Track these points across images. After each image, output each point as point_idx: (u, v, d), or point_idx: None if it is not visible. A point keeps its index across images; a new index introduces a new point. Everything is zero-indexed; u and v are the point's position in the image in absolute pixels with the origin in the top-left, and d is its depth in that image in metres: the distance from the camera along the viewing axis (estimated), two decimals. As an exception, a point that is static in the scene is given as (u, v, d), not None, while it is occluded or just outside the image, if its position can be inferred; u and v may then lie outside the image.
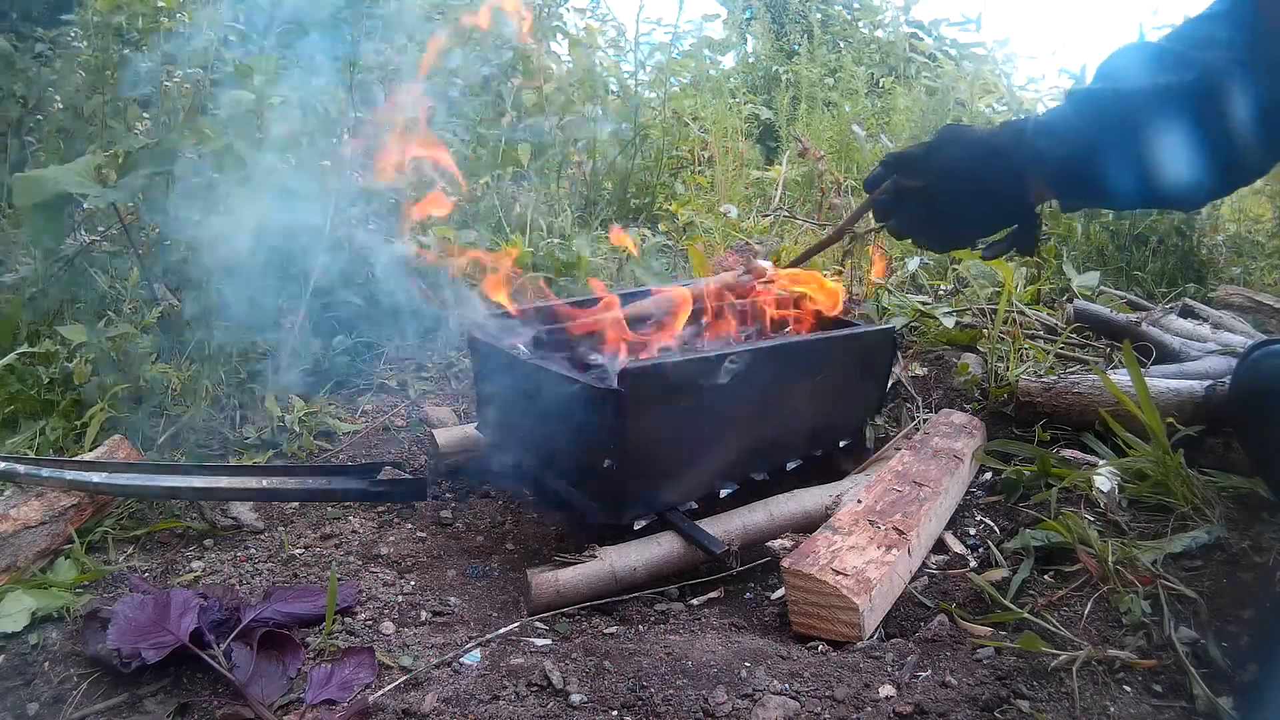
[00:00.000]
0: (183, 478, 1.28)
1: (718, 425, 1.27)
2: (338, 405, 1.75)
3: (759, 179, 3.68)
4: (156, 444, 1.51)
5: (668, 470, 1.24)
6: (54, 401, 1.52)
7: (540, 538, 1.38)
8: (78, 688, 0.92)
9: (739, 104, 3.86)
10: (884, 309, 2.14)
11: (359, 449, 1.64)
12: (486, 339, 1.46)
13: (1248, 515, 1.08)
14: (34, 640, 0.99)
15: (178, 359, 1.67)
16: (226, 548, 1.26)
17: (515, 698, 0.88)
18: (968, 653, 0.94)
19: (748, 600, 1.19)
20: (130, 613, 0.94)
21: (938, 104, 3.50)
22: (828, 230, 2.67)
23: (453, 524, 1.43)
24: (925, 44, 4.46)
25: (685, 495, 1.27)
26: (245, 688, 0.87)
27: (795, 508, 1.29)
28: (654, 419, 1.18)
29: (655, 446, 1.20)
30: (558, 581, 1.12)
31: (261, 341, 1.80)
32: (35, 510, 1.16)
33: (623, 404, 1.12)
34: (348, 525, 1.36)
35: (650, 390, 1.15)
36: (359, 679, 0.90)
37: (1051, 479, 1.26)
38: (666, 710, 0.85)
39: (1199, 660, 0.85)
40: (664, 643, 0.99)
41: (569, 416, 1.25)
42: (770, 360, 1.33)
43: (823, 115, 3.86)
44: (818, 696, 0.86)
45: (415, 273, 2.06)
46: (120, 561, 1.20)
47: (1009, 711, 0.82)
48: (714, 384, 1.24)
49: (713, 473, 1.30)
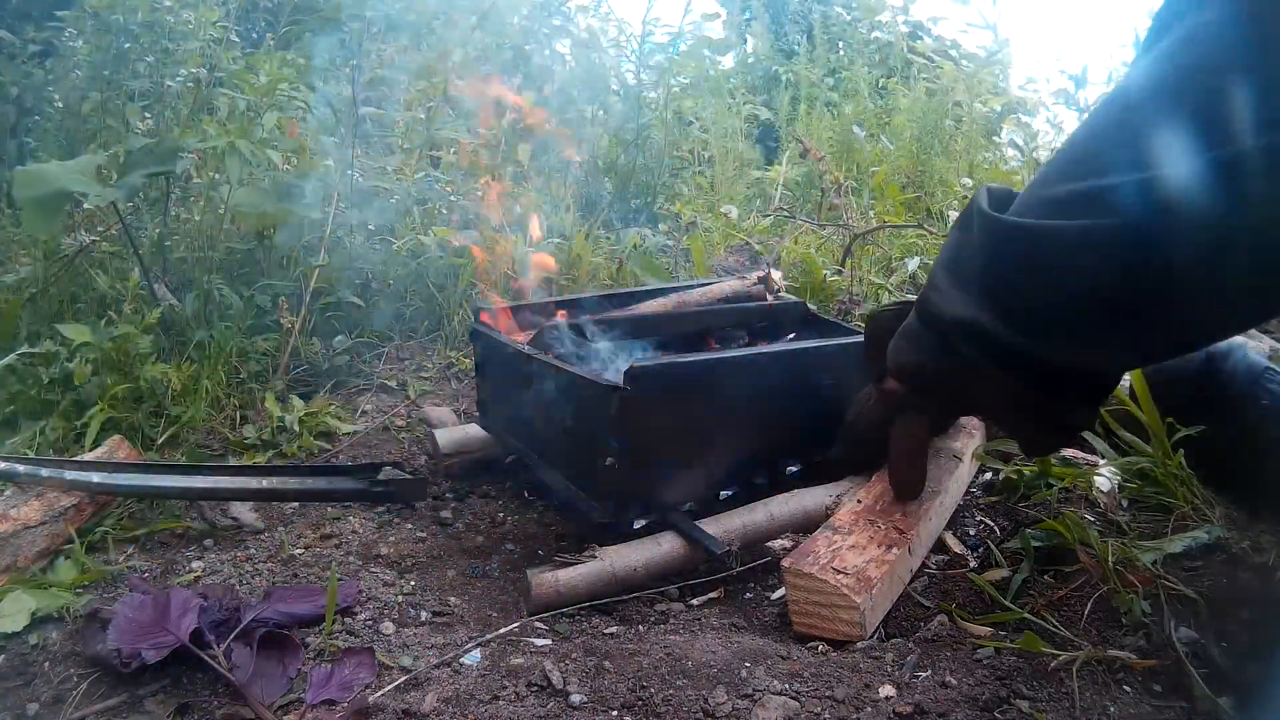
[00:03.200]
0: (183, 478, 1.28)
1: (721, 427, 1.27)
2: (338, 405, 1.75)
3: (759, 179, 3.68)
4: (156, 444, 1.51)
5: (670, 471, 1.24)
6: (54, 401, 1.52)
7: (540, 538, 1.38)
8: (78, 688, 0.92)
9: (739, 104, 3.86)
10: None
11: (359, 449, 1.64)
12: (490, 333, 1.47)
13: (1248, 515, 1.08)
14: (34, 640, 0.99)
15: (178, 359, 1.67)
16: (226, 548, 1.26)
17: (515, 698, 0.88)
18: (968, 653, 0.94)
19: (748, 600, 1.19)
20: (130, 613, 0.94)
21: (938, 104, 3.50)
22: (828, 230, 2.68)
23: (453, 524, 1.43)
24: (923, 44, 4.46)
25: (686, 496, 1.28)
26: (245, 688, 0.87)
27: (795, 507, 1.29)
28: (658, 419, 1.18)
29: (658, 446, 1.20)
30: (557, 581, 1.12)
31: (261, 341, 1.80)
32: (35, 510, 1.16)
33: (626, 402, 1.12)
34: (348, 525, 1.36)
35: (656, 390, 1.16)
36: (359, 679, 0.90)
37: (1051, 479, 1.26)
38: (666, 710, 0.85)
39: (1199, 660, 0.85)
40: (664, 643, 0.99)
41: (572, 413, 1.25)
42: (774, 365, 1.34)
43: (822, 115, 3.86)
44: (818, 696, 0.86)
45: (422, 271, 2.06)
46: (120, 561, 1.20)
47: (1009, 711, 0.82)
48: (718, 386, 1.24)
49: (714, 474, 1.31)
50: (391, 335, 2.09)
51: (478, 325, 1.51)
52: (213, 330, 1.73)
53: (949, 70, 3.83)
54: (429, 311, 2.14)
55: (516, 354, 1.38)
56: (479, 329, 1.50)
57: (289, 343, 1.78)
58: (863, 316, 2.12)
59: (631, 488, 1.19)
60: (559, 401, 1.29)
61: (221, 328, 1.75)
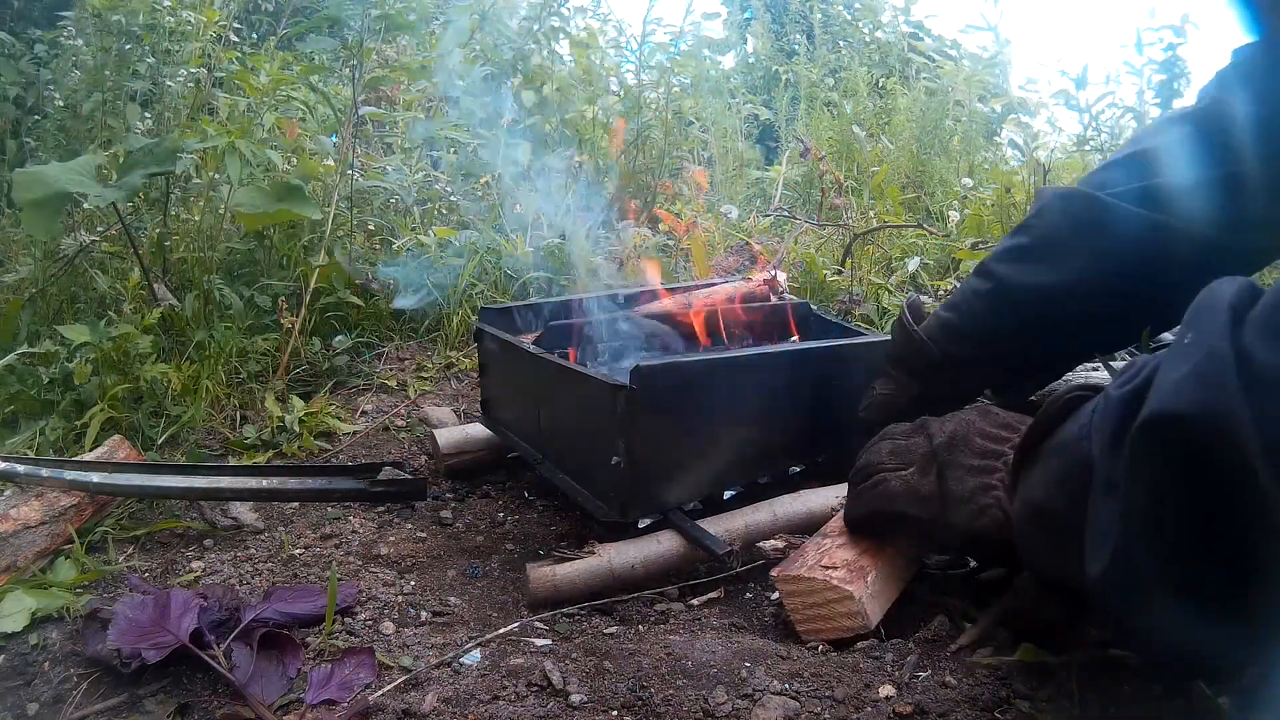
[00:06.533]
0: (183, 478, 1.28)
1: (725, 428, 1.27)
2: (338, 405, 1.75)
3: (759, 179, 3.68)
4: (156, 444, 1.51)
5: (675, 470, 1.24)
6: (54, 401, 1.52)
7: (541, 537, 1.38)
8: (78, 688, 0.92)
9: (739, 104, 3.86)
10: (884, 309, 2.14)
11: (359, 449, 1.64)
12: (495, 331, 1.47)
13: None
14: (34, 640, 0.99)
15: (178, 359, 1.67)
16: (226, 548, 1.26)
17: (515, 698, 0.88)
18: (968, 653, 0.94)
19: (748, 600, 1.19)
20: (130, 613, 0.94)
21: (938, 104, 3.50)
22: (828, 230, 2.68)
23: (453, 524, 1.43)
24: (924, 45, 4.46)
25: (690, 495, 1.27)
26: (245, 688, 0.87)
27: (800, 508, 1.28)
28: (664, 418, 1.18)
29: (663, 446, 1.20)
30: (555, 576, 1.12)
31: (261, 341, 1.80)
32: (35, 510, 1.16)
33: (634, 401, 1.12)
34: (348, 525, 1.36)
35: (662, 389, 1.15)
36: (359, 679, 0.90)
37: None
38: (666, 710, 0.85)
39: (1199, 660, 0.85)
40: (664, 643, 0.99)
41: (578, 412, 1.25)
42: (779, 365, 1.34)
43: (822, 115, 3.86)
44: (818, 696, 0.86)
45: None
46: (120, 561, 1.20)
47: (1009, 711, 0.82)
48: (724, 386, 1.24)
49: (718, 474, 1.30)
50: (392, 335, 2.09)
51: (482, 324, 1.51)
52: (213, 330, 1.73)
53: (949, 70, 3.83)
54: (429, 311, 2.14)
55: (521, 353, 1.37)
56: (483, 328, 1.50)
57: (289, 343, 1.78)
58: (863, 316, 2.12)
59: (637, 487, 1.19)
60: (564, 401, 1.29)
61: (221, 328, 1.75)
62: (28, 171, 1.62)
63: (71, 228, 2.12)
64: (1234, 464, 0.54)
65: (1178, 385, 0.59)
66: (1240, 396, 0.54)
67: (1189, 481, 0.59)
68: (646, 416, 1.14)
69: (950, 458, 0.93)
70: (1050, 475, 0.76)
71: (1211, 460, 0.57)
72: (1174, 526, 0.61)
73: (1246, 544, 0.58)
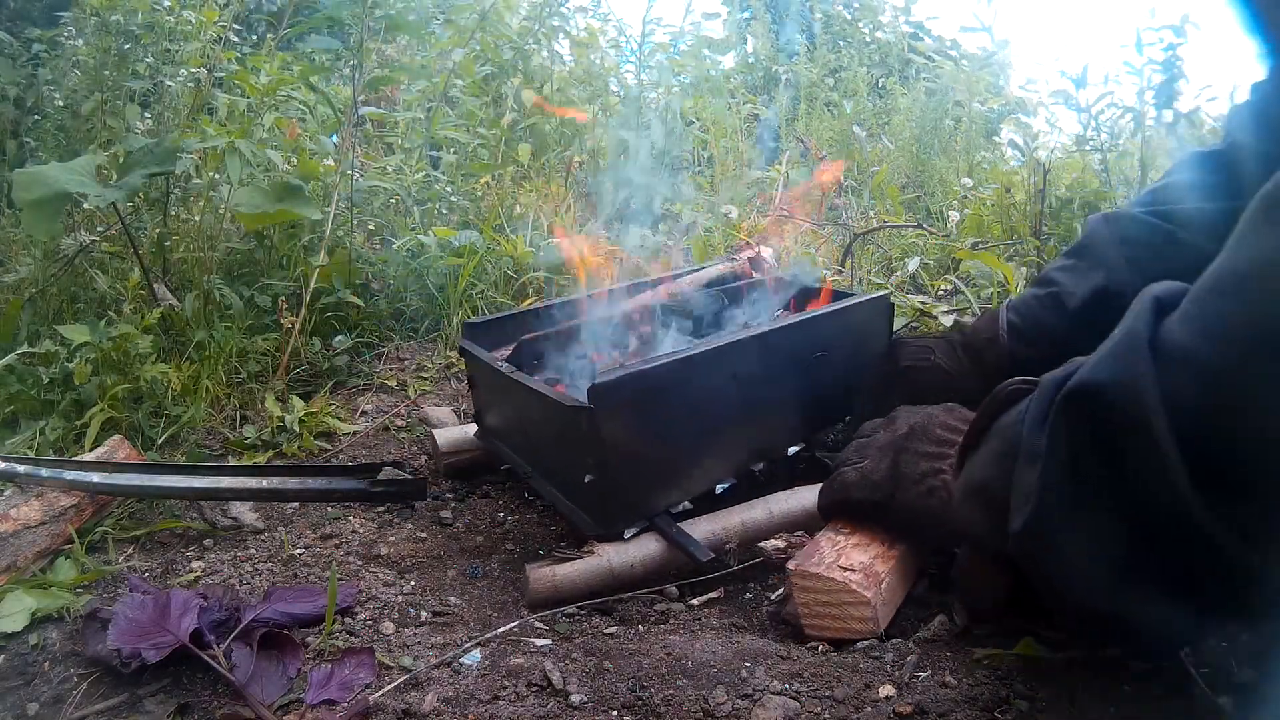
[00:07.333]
0: (183, 478, 1.28)
1: (704, 423, 1.23)
2: (338, 405, 1.75)
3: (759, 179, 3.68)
4: (156, 444, 1.51)
5: (653, 476, 1.20)
6: (54, 401, 1.52)
7: (540, 538, 1.38)
8: (78, 688, 0.92)
9: (739, 104, 3.86)
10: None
11: (359, 449, 1.64)
12: (472, 348, 1.45)
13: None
14: (34, 640, 0.99)
15: (178, 359, 1.67)
16: (226, 548, 1.26)
17: (515, 698, 0.88)
18: (968, 653, 0.94)
19: (748, 600, 1.19)
20: (130, 613, 0.94)
21: (937, 104, 3.50)
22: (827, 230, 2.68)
23: (453, 524, 1.43)
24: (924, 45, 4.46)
25: (677, 497, 1.25)
26: (245, 688, 0.87)
27: (795, 504, 1.27)
28: (632, 428, 1.14)
29: (638, 455, 1.16)
30: (555, 576, 1.12)
31: (261, 341, 1.80)
32: (35, 510, 1.16)
33: (595, 420, 1.09)
34: (348, 525, 1.36)
35: (622, 402, 1.11)
36: (359, 679, 0.90)
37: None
38: (666, 710, 0.85)
39: (1199, 660, 0.85)
40: (664, 643, 0.99)
41: (550, 428, 1.23)
42: (751, 349, 1.28)
43: (822, 115, 3.86)
44: (818, 696, 0.86)
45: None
46: (120, 561, 1.20)
47: (1009, 711, 0.82)
48: (693, 382, 1.20)
49: (706, 470, 1.27)
50: (392, 335, 2.09)
51: (463, 341, 1.47)
52: (213, 330, 1.73)
53: (949, 70, 3.83)
54: (429, 311, 2.14)
55: (495, 371, 1.35)
56: (464, 345, 1.47)
57: (289, 343, 1.78)
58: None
59: (615, 499, 1.16)
60: (537, 418, 1.27)
61: (221, 328, 1.75)
62: (28, 171, 1.62)
63: (71, 228, 2.12)
64: (1139, 428, 0.60)
65: (1097, 362, 0.66)
66: (1150, 369, 0.61)
67: (1099, 445, 0.65)
68: (612, 431, 1.11)
69: (907, 445, 1.03)
70: (990, 455, 0.85)
71: (1121, 426, 0.63)
72: (1088, 487, 0.67)
73: (1149, 505, 0.63)
